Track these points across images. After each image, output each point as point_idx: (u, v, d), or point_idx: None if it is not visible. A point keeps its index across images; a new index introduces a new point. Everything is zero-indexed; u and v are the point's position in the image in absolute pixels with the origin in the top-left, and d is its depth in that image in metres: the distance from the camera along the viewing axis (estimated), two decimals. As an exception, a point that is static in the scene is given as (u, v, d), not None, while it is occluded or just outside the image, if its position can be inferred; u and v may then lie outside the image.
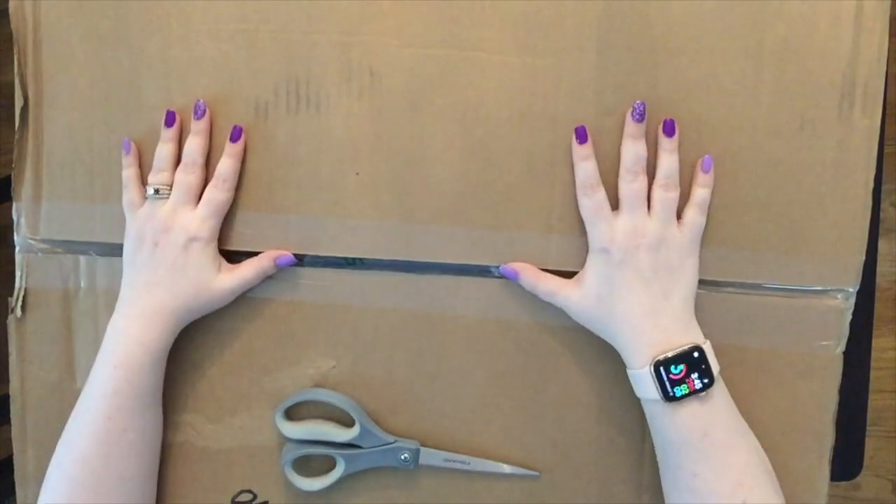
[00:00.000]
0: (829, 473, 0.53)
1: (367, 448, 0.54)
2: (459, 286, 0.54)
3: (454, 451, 0.55)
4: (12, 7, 0.54)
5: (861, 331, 0.64)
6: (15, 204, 0.56)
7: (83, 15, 0.54)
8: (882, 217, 1.24)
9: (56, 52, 0.55)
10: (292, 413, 0.56)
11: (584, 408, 0.54)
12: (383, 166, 0.53)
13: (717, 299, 0.52)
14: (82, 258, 0.56)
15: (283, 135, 0.54)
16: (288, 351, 0.56)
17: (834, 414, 0.52)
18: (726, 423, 0.48)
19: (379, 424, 0.55)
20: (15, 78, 0.55)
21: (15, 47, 0.55)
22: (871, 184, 0.50)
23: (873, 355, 0.72)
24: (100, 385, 0.50)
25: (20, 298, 0.57)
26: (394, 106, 0.53)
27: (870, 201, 0.50)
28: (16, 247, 0.57)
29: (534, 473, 0.55)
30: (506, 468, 0.55)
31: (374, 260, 0.54)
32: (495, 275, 0.54)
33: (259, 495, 0.57)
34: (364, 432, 0.54)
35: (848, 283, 0.51)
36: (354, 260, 0.55)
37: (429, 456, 0.54)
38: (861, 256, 0.51)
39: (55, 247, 0.57)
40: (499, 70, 0.51)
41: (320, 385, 0.56)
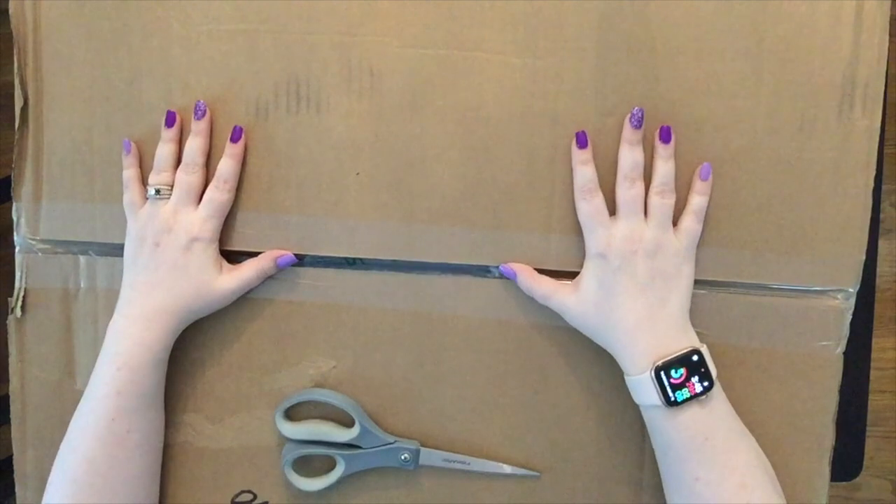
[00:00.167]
0: (829, 473, 0.53)
1: (367, 448, 0.54)
2: (459, 286, 0.54)
3: (454, 452, 0.55)
4: (12, 7, 0.54)
5: (861, 331, 0.64)
6: (15, 204, 0.56)
7: (83, 15, 0.54)
8: (882, 217, 1.24)
9: (56, 52, 0.55)
10: (292, 413, 0.56)
11: (584, 408, 0.54)
12: (383, 166, 0.53)
13: (717, 299, 0.52)
14: (82, 258, 0.56)
15: (283, 135, 0.54)
16: (288, 351, 0.56)
17: (834, 414, 0.52)
18: (727, 426, 0.48)
19: (379, 424, 0.55)
20: (15, 78, 0.55)
21: (15, 47, 0.55)
22: (871, 184, 0.50)
23: (873, 355, 0.72)
24: (102, 386, 0.50)
25: (20, 298, 0.57)
26: (394, 106, 0.53)
27: (870, 201, 0.50)
28: (16, 247, 0.57)
29: (534, 473, 0.55)
30: (506, 468, 0.55)
31: (375, 260, 0.55)
32: (495, 275, 0.54)
33: (259, 495, 0.57)
34: (364, 432, 0.54)
35: (848, 283, 0.51)
36: (355, 260, 0.55)
37: (429, 456, 0.54)
38: (861, 256, 0.51)
39: (55, 247, 0.57)
40: (499, 70, 0.51)
41: (320, 385, 0.56)
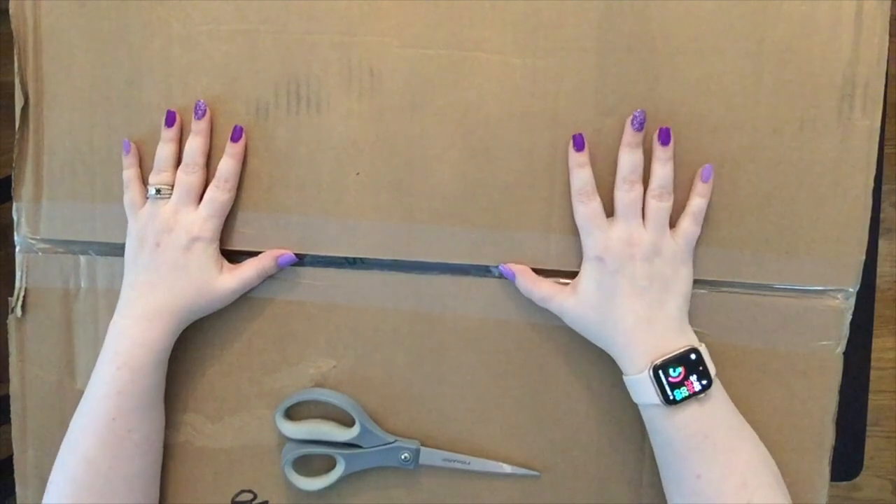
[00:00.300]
0: (829, 473, 0.53)
1: (368, 448, 0.54)
2: (459, 286, 0.54)
3: (454, 451, 0.55)
4: (12, 7, 0.55)
5: (861, 331, 0.64)
6: (15, 204, 0.56)
7: (83, 15, 0.54)
8: (882, 217, 1.24)
9: (56, 52, 0.55)
10: (292, 413, 0.56)
11: (584, 407, 0.54)
12: (383, 166, 0.53)
13: (717, 299, 0.52)
14: (82, 258, 0.56)
15: (283, 135, 0.54)
16: (288, 351, 0.56)
17: (834, 414, 0.52)
18: (727, 424, 0.48)
19: (379, 424, 0.55)
20: (15, 78, 0.55)
21: (15, 47, 0.55)
22: (871, 184, 0.50)
23: (873, 355, 0.72)
24: (102, 386, 0.50)
25: (20, 298, 0.57)
26: (394, 106, 0.53)
27: (870, 201, 0.50)
28: (16, 247, 0.57)
29: (534, 473, 0.55)
30: (506, 468, 0.55)
31: (375, 260, 0.55)
32: (495, 275, 0.54)
33: (259, 495, 0.57)
34: (364, 432, 0.54)
35: (848, 283, 0.51)
36: (355, 260, 0.55)
37: (429, 456, 0.54)
38: (861, 256, 0.51)
39: (55, 247, 0.57)
40: (499, 70, 0.51)
41: (320, 385, 0.56)
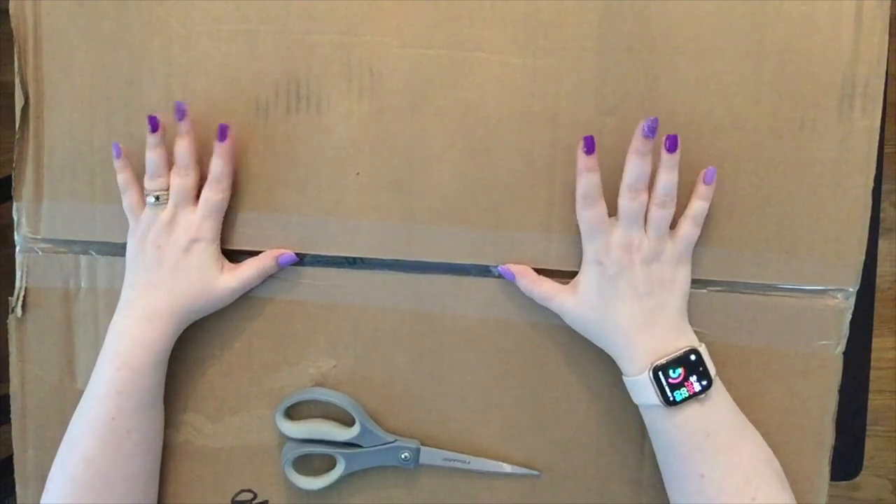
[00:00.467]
0: (829, 473, 0.53)
1: (368, 447, 0.54)
2: (459, 286, 0.54)
3: (454, 451, 0.55)
4: (12, 7, 0.55)
5: (861, 331, 0.64)
6: (15, 204, 0.56)
7: (83, 15, 0.54)
8: (882, 217, 1.24)
9: (56, 52, 0.55)
10: (293, 412, 0.56)
11: (584, 407, 0.54)
12: (383, 166, 0.53)
13: (718, 299, 0.52)
14: (83, 258, 0.56)
15: (283, 135, 0.54)
16: (288, 350, 0.56)
17: (834, 414, 0.52)
18: (728, 423, 0.48)
19: (379, 424, 0.55)
20: (15, 78, 0.55)
21: (15, 47, 0.55)
22: (871, 184, 0.50)
23: (873, 355, 0.72)
24: (102, 386, 0.50)
25: (20, 298, 0.57)
26: (394, 106, 0.53)
27: (870, 201, 0.50)
28: (16, 246, 0.57)
29: (534, 473, 0.55)
30: (506, 468, 0.55)
31: (375, 260, 0.55)
32: (495, 275, 0.54)
33: (259, 495, 0.57)
34: (364, 432, 0.54)
35: (848, 283, 0.51)
36: (355, 259, 0.55)
37: (429, 455, 0.55)
38: (861, 256, 0.50)
39: (56, 247, 0.57)
40: (499, 70, 0.51)
41: (321, 384, 0.56)
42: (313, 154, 0.53)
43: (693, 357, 0.47)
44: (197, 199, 0.52)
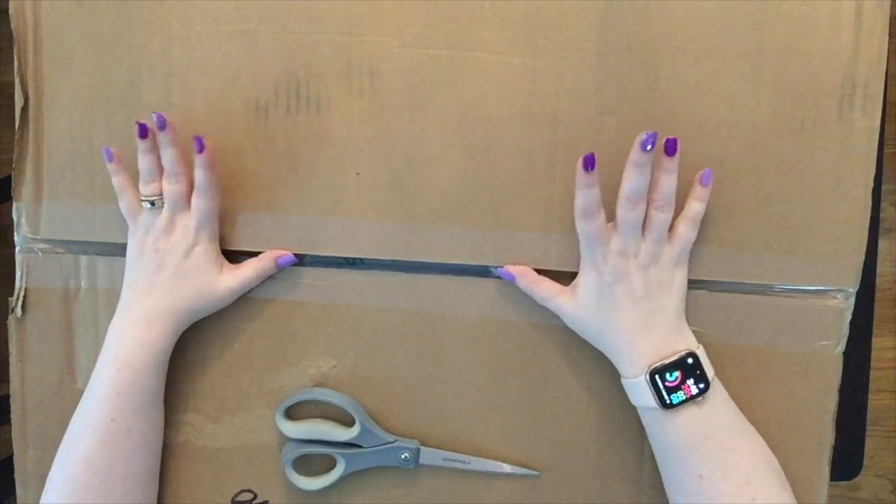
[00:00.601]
0: (829, 473, 0.53)
1: (368, 447, 0.54)
2: (459, 286, 0.54)
3: (454, 451, 0.55)
4: (12, 7, 0.55)
5: (861, 331, 0.64)
6: (15, 204, 0.56)
7: (83, 15, 0.54)
8: (882, 217, 1.24)
9: (56, 52, 0.55)
10: (293, 412, 0.56)
11: (584, 407, 0.54)
12: (383, 166, 0.53)
13: (717, 299, 0.52)
14: (83, 258, 0.56)
15: (283, 135, 0.54)
16: (288, 351, 0.56)
17: (834, 414, 0.52)
18: (727, 424, 0.48)
19: (379, 424, 0.55)
20: (15, 78, 0.55)
21: (15, 47, 0.55)
22: (871, 184, 0.50)
23: (873, 355, 0.72)
24: (102, 387, 0.50)
25: (20, 298, 0.57)
26: (394, 106, 0.53)
27: (870, 201, 0.50)
28: (16, 247, 0.57)
29: (534, 473, 0.55)
30: (506, 468, 0.55)
31: (375, 260, 0.55)
32: (495, 275, 0.54)
33: (259, 495, 0.57)
34: (364, 432, 0.54)
35: (848, 283, 0.51)
36: (355, 260, 0.55)
37: (429, 455, 0.55)
38: (861, 256, 0.50)
39: (55, 247, 0.57)
40: (499, 70, 0.51)
41: (321, 384, 0.56)
42: (313, 154, 0.53)
43: (690, 360, 0.47)
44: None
